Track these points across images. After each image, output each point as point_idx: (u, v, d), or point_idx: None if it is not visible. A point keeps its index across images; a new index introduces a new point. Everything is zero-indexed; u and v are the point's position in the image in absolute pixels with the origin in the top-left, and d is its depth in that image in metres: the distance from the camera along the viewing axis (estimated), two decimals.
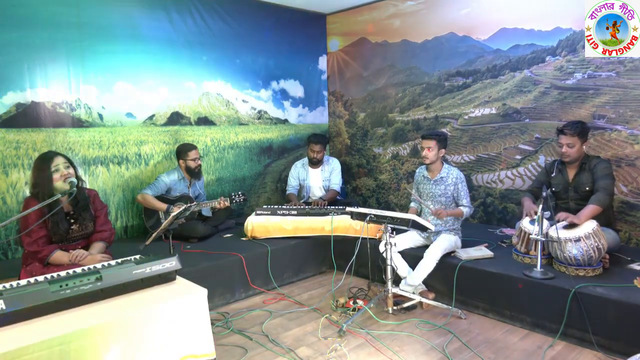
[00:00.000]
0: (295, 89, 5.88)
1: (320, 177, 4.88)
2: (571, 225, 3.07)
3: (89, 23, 4.04)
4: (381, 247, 3.34)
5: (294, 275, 4.05)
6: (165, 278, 2.21)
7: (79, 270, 2.17)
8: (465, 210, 3.48)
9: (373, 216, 3.17)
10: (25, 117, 3.78)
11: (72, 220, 2.79)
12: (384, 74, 5.65)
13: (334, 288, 3.70)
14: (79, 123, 4.10)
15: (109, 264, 2.27)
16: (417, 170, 3.81)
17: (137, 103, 4.47)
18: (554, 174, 3.46)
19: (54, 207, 2.54)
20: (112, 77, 4.26)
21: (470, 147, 4.82)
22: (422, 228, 3.11)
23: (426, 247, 3.46)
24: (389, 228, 3.15)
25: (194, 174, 4.28)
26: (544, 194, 3.02)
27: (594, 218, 3.09)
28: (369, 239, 3.54)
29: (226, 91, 5.18)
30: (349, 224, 4.01)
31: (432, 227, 3.11)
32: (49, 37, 3.83)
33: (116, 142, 4.34)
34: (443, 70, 5.03)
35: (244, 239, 4.14)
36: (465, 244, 3.66)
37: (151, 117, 4.60)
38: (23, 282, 2.02)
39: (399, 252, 3.52)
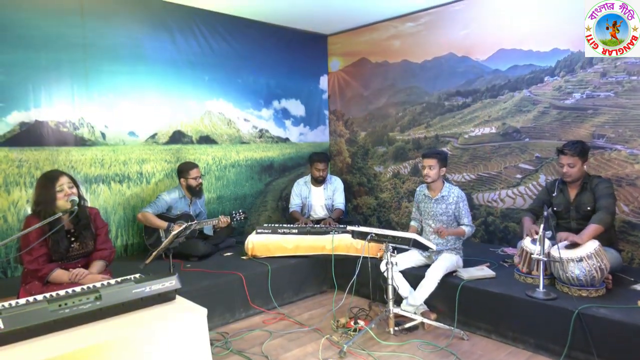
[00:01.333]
0: (296, 108, 5.94)
1: (323, 196, 4.89)
2: (573, 245, 3.06)
3: (94, 44, 4.12)
4: (382, 267, 3.33)
5: (294, 294, 4.02)
6: (165, 297, 2.20)
7: (78, 289, 2.17)
8: (467, 229, 3.47)
9: (374, 235, 3.16)
10: (29, 135, 3.82)
11: (73, 239, 2.79)
12: (385, 94, 5.71)
13: (335, 308, 3.67)
14: (81, 142, 4.13)
15: (108, 282, 2.27)
16: (417, 189, 3.82)
17: (140, 122, 4.51)
18: (555, 193, 3.47)
19: (55, 225, 2.55)
20: (115, 96, 4.31)
21: (471, 166, 4.83)
22: (423, 247, 3.10)
23: (427, 266, 3.44)
24: (390, 247, 3.15)
25: (195, 192, 4.30)
26: (545, 213, 3.02)
27: (595, 238, 3.08)
28: (370, 258, 3.53)
29: (228, 110, 5.23)
30: (349, 243, 4.00)
31: (433, 247, 3.11)
32: (54, 58, 3.89)
33: (118, 160, 4.37)
34: (443, 90, 5.08)
35: (244, 257, 4.12)
36: (467, 264, 3.64)
37: (153, 136, 4.64)
38: (22, 301, 2.01)
39: (400, 271, 3.50)
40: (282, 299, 3.90)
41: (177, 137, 4.83)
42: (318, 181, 4.85)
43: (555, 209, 3.46)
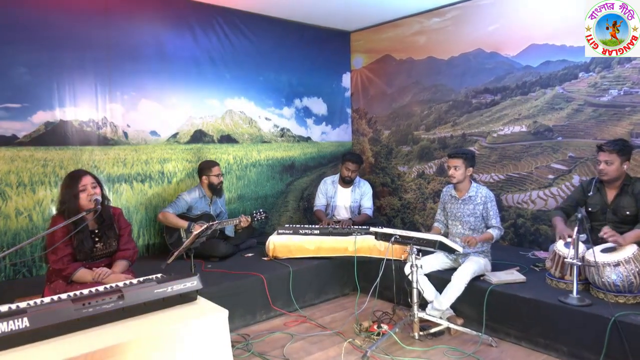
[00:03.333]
0: (318, 106, 5.94)
1: (349, 198, 4.86)
2: (609, 249, 2.97)
3: (117, 43, 4.21)
4: (406, 269, 3.30)
5: (316, 297, 4.03)
6: (186, 298, 2.23)
7: (101, 288, 2.22)
8: (495, 232, 3.41)
9: (398, 237, 3.14)
10: (54, 135, 3.93)
11: (97, 239, 2.86)
12: (409, 92, 5.66)
13: (358, 311, 3.66)
14: (104, 141, 4.23)
15: (130, 282, 2.31)
16: (443, 189, 3.78)
17: (161, 121, 4.59)
18: (591, 192, 3.36)
19: (79, 224, 2.61)
20: (138, 95, 4.40)
21: (500, 166, 4.75)
22: (449, 250, 3.06)
23: (454, 269, 3.40)
24: (415, 249, 3.12)
25: (216, 190, 4.35)
26: (579, 215, 2.93)
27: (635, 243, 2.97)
28: (394, 260, 3.50)
29: (249, 109, 5.27)
30: (373, 245, 3.98)
31: (460, 249, 3.06)
32: (78, 57, 4.00)
33: (140, 160, 4.46)
34: (470, 87, 5.01)
35: (265, 258, 4.15)
36: (496, 267, 3.58)
37: (175, 135, 4.71)
38: (47, 299, 2.07)
39: (425, 274, 3.47)
40: (303, 301, 3.91)
41: (198, 137, 4.89)
42: (345, 182, 4.82)
43: (589, 209, 3.36)
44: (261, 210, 4.38)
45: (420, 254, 3.20)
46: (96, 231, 2.88)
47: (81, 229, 2.68)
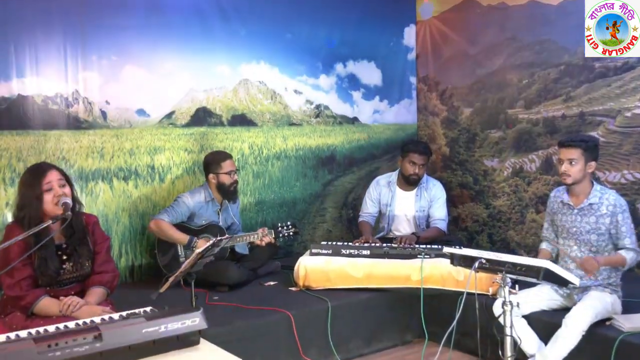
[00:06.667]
0: (369, 74, 5.95)
1: (414, 206, 4.82)
2: None
3: None
4: (496, 309, 3.27)
5: (365, 344, 4.05)
6: (185, 341, 2.27)
7: (72, 324, 2.29)
8: (630, 255, 3.33)
9: (484, 261, 3.10)
10: (10, 115, 4.09)
11: (65, 257, 2.95)
12: (502, 52, 5.58)
13: None
14: (75, 123, 4.37)
15: (110, 318, 2.38)
16: (551, 194, 3.73)
17: (152, 96, 4.71)
18: None
19: (42, 237, 2.69)
20: (120, 60, 4.52)
21: (636, 160, 4.62)
22: (560, 282, 3.00)
23: (566, 310, 3.34)
24: (509, 280, 3.07)
25: (228, 193, 4.41)
26: None
27: None
28: (478, 295, 3.46)
29: (272, 78, 5.33)
30: (447, 272, 3.97)
31: (576, 281, 2.99)
32: (41, 10, 4.13)
33: (123, 149, 4.58)
34: None
35: (293, 289, 4.20)
36: (629, 308, 3.50)
37: (169, 115, 4.82)
38: (1, 337, 2.16)
39: (524, 316, 3.44)
40: (347, 350, 3.93)
41: (202, 117, 4.99)
42: (410, 182, 4.78)
43: None
44: (289, 223, 4.41)
45: (517, 286, 3.15)
46: (64, 246, 2.96)
47: (45, 244, 2.74)
